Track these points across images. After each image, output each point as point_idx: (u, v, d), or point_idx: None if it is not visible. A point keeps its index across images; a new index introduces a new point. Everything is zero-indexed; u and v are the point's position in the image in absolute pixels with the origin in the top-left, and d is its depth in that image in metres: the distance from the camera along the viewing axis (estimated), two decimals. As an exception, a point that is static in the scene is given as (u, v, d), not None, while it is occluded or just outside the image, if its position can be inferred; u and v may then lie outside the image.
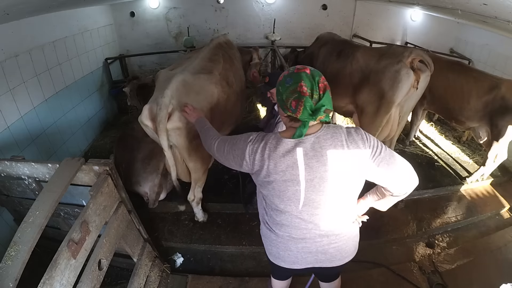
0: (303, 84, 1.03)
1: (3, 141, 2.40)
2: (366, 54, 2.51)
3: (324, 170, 1.07)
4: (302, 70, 1.06)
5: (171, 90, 1.80)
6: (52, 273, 1.17)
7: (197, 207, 2.56)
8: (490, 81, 2.69)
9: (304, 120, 1.05)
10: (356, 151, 1.06)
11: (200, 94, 1.97)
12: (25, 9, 2.11)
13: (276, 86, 1.14)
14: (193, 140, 1.98)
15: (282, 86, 1.08)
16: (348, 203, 1.18)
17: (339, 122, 4.14)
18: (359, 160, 1.07)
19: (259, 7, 4.87)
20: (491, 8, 1.81)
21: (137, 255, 1.93)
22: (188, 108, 1.78)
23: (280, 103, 1.11)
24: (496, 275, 2.20)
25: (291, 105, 1.05)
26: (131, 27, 4.79)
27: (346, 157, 1.06)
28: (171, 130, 1.86)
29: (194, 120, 1.69)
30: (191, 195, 2.41)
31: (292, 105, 1.05)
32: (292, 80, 1.05)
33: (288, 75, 1.08)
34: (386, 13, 4.94)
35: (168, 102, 1.78)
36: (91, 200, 1.42)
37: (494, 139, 2.73)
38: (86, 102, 3.75)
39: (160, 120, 1.77)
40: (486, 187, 3.15)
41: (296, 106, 1.04)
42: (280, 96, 1.09)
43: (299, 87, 1.03)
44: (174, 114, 1.83)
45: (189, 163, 2.13)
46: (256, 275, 2.30)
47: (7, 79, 2.44)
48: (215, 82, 2.10)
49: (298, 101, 1.03)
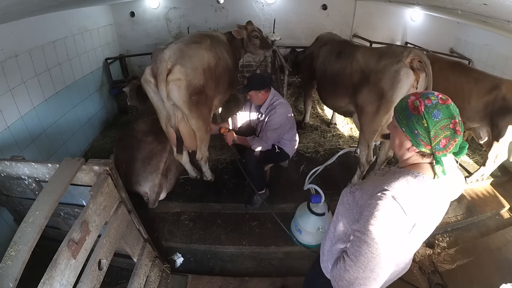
0: (457, 121, 0.90)
1: (3, 141, 2.40)
2: (366, 54, 2.51)
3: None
4: (448, 102, 0.92)
5: (169, 50, 2.06)
6: (52, 273, 1.17)
7: (205, 166, 2.84)
8: (490, 82, 2.69)
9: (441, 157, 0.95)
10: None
11: (193, 57, 2.21)
12: (25, 9, 2.11)
13: (405, 114, 0.96)
14: (193, 96, 2.17)
15: (429, 120, 0.90)
16: None
17: (339, 122, 4.14)
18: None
19: (259, 7, 4.87)
20: (491, 8, 1.81)
21: (137, 255, 1.93)
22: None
23: (418, 137, 0.94)
24: (496, 275, 2.21)
25: (439, 142, 0.91)
26: (131, 27, 4.79)
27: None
28: (171, 83, 2.04)
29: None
30: (199, 155, 2.65)
31: (441, 143, 0.91)
32: (441, 114, 0.90)
33: (434, 106, 0.91)
34: (386, 13, 4.93)
35: (167, 58, 2.01)
36: (91, 200, 1.42)
37: (494, 140, 2.73)
38: (86, 102, 3.75)
39: (160, 72, 1.97)
40: (486, 187, 3.15)
41: (447, 145, 0.91)
42: (423, 131, 0.92)
43: (452, 124, 0.89)
44: (174, 68, 2.03)
45: (191, 120, 2.30)
46: (256, 275, 2.30)
47: (7, 79, 2.44)
48: (205, 48, 2.38)
49: (451, 140, 0.91)
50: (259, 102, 2.48)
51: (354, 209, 1.02)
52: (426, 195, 0.95)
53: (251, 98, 2.46)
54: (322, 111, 4.53)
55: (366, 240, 0.89)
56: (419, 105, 0.92)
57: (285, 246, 2.49)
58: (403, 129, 0.97)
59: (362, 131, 2.57)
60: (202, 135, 2.47)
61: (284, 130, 2.49)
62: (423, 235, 1.08)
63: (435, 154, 0.95)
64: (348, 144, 3.74)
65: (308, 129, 4.02)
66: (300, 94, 4.85)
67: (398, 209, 0.88)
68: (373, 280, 0.89)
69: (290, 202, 2.79)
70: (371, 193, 0.95)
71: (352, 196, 1.04)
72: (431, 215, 1.01)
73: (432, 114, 0.90)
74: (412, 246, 1.09)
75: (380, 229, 0.88)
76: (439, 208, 1.03)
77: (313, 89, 3.85)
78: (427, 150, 0.95)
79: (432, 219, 1.03)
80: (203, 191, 2.93)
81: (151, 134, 2.77)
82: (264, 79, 2.46)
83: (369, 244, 0.88)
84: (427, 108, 0.91)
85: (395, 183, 0.93)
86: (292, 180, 3.05)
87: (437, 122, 0.90)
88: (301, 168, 3.22)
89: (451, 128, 0.90)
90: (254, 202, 2.73)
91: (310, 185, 2.20)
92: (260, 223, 2.68)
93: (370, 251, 0.88)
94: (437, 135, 0.91)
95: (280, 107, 2.41)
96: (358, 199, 1.01)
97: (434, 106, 0.90)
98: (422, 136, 0.93)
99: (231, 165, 3.26)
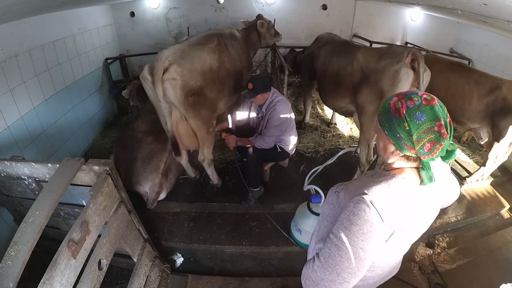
0: (442, 123, 0.83)
1: (3, 141, 2.40)
2: (366, 54, 2.52)
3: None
4: (433, 103, 0.84)
5: (168, 50, 2.09)
6: (52, 273, 1.17)
7: (209, 168, 2.73)
8: (491, 82, 2.69)
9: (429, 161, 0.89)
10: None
11: (194, 58, 2.21)
12: (25, 9, 2.11)
13: (387, 117, 0.89)
14: (189, 96, 2.16)
15: (410, 122, 0.84)
16: None
17: (339, 122, 4.14)
18: None
19: (259, 7, 4.87)
20: (491, 8, 1.81)
21: (137, 255, 1.93)
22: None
23: (401, 141, 0.88)
24: (496, 275, 2.21)
25: (423, 146, 0.85)
26: (131, 27, 4.79)
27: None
28: (167, 82, 2.04)
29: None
30: (200, 156, 2.59)
31: (426, 148, 0.85)
32: (425, 116, 0.83)
33: (416, 108, 0.84)
34: (386, 13, 4.94)
35: (165, 57, 2.03)
36: (91, 200, 1.42)
37: (495, 140, 2.72)
38: (86, 102, 3.75)
39: (156, 70, 1.99)
40: (486, 187, 3.15)
41: (432, 149, 0.84)
42: (406, 134, 0.86)
43: (437, 127, 0.83)
44: (170, 67, 2.04)
45: (189, 119, 2.29)
46: (256, 275, 2.30)
47: (7, 79, 2.44)
48: (207, 50, 2.36)
49: (436, 144, 0.84)
50: (262, 102, 2.51)
51: (337, 209, 0.98)
52: (410, 201, 0.90)
53: (255, 100, 2.48)
54: (322, 111, 4.53)
55: (337, 243, 0.86)
56: (400, 107, 0.86)
57: (285, 246, 2.49)
58: (386, 132, 0.91)
59: (362, 131, 2.57)
60: (203, 135, 2.45)
61: (286, 126, 2.52)
62: (409, 240, 1.03)
63: (421, 158, 0.89)
64: (348, 144, 3.74)
65: (308, 129, 4.03)
66: (300, 94, 4.85)
67: (374, 215, 0.84)
68: (338, 284, 0.86)
69: (290, 202, 2.79)
70: (352, 195, 0.91)
71: (337, 196, 1.01)
72: (417, 221, 0.96)
73: (415, 116, 0.84)
74: (398, 250, 1.04)
75: (352, 233, 0.84)
76: (427, 214, 0.98)
77: (313, 89, 3.85)
78: (412, 154, 0.90)
79: (418, 224, 0.98)
80: (203, 191, 2.93)
81: (151, 134, 2.77)
82: (266, 80, 2.51)
83: (339, 247, 0.85)
84: (409, 110, 0.85)
85: (375, 187, 0.88)
86: (292, 180, 3.05)
87: (420, 125, 0.83)
88: (301, 168, 3.22)
89: (436, 131, 0.83)
90: (249, 199, 2.76)
91: (310, 186, 2.20)
92: (260, 223, 2.68)
93: (339, 254, 0.85)
94: (420, 138, 0.84)
95: (281, 104, 2.45)
96: (341, 200, 0.98)
97: (417, 107, 0.84)
98: (405, 140, 0.87)
99: (231, 165, 3.26)
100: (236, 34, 3.01)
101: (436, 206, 1.01)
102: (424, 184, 0.90)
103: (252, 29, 3.28)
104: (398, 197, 0.88)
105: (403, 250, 1.08)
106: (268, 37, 3.48)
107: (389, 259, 1.06)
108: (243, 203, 2.78)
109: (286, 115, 2.47)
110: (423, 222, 0.99)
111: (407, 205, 0.89)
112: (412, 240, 1.05)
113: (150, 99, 2.23)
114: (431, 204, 0.98)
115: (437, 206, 1.02)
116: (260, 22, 3.26)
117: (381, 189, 0.88)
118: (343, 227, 0.86)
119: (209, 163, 2.67)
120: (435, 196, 0.98)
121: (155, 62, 2.03)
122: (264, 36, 3.42)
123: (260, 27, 3.26)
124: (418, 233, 1.03)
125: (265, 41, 3.52)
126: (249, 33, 3.26)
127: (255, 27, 3.29)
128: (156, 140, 2.73)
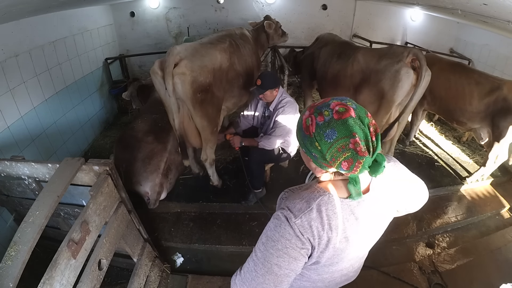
0: (358, 139, 0.73)
1: (3, 141, 2.40)
2: (367, 54, 2.52)
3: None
4: (346, 116, 0.74)
5: (180, 46, 2.14)
6: (52, 273, 1.17)
7: (211, 169, 2.75)
8: (491, 83, 2.69)
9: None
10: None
11: (205, 56, 2.25)
12: (25, 9, 2.11)
13: (301, 135, 0.83)
14: (197, 93, 2.18)
15: (320, 142, 0.76)
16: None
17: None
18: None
19: (259, 7, 4.87)
20: (491, 8, 1.81)
21: (137, 255, 1.93)
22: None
23: (318, 160, 0.81)
24: (496, 275, 2.21)
25: (340, 166, 0.76)
26: (131, 27, 4.79)
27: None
28: (176, 76, 2.07)
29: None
30: (203, 155, 2.60)
31: (344, 166, 0.76)
32: (336, 133, 0.74)
33: (326, 125, 0.75)
34: (386, 13, 4.94)
35: (176, 52, 2.07)
36: (91, 200, 1.42)
37: (495, 140, 2.73)
38: (86, 102, 3.75)
39: (167, 65, 2.01)
40: (486, 187, 3.15)
41: (351, 167, 0.75)
42: (319, 154, 0.78)
43: (352, 144, 0.73)
44: (181, 62, 2.08)
45: (196, 118, 2.31)
46: (256, 275, 2.30)
47: (7, 79, 2.44)
48: (219, 50, 2.39)
49: (354, 162, 0.74)
50: (271, 99, 2.51)
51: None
52: (338, 215, 0.82)
53: (264, 96, 2.47)
54: (322, 111, 4.52)
55: (254, 258, 0.83)
56: (310, 124, 0.78)
57: (285, 246, 2.49)
58: (304, 150, 0.85)
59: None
60: (207, 136, 2.46)
61: (292, 128, 2.51)
62: (355, 252, 0.95)
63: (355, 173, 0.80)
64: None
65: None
66: (300, 94, 4.85)
67: (290, 231, 0.79)
68: None
69: (290, 202, 2.78)
70: (278, 207, 0.87)
71: (279, 202, 0.96)
72: (357, 233, 0.88)
73: (325, 134, 0.75)
74: (341, 262, 0.95)
75: (267, 249, 0.81)
76: (370, 225, 0.90)
77: (313, 89, 3.85)
78: (333, 170, 0.81)
79: (360, 236, 0.90)
80: (203, 191, 2.93)
81: (152, 133, 2.77)
82: (275, 76, 2.53)
83: (255, 262, 0.82)
84: (318, 128, 0.76)
85: (297, 202, 0.83)
86: (292, 180, 3.05)
87: (332, 144, 0.74)
88: (301, 168, 3.22)
89: (351, 149, 0.73)
90: (250, 199, 2.76)
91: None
92: (260, 223, 2.68)
93: (255, 269, 0.82)
94: (335, 158, 0.75)
95: (289, 105, 2.46)
96: (278, 207, 0.93)
97: (327, 124, 0.75)
98: (321, 159, 0.79)
99: (231, 165, 3.26)
100: (247, 35, 3.04)
101: (384, 215, 0.94)
102: (353, 198, 0.83)
103: (261, 30, 3.30)
104: (323, 212, 0.81)
105: (349, 262, 1.00)
106: (276, 38, 3.50)
107: (333, 272, 0.99)
108: (243, 202, 2.78)
109: (293, 117, 2.46)
110: (366, 234, 0.92)
111: (335, 219, 0.82)
112: (360, 252, 1.00)
113: (159, 94, 2.25)
114: (374, 214, 0.89)
115: (386, 215, 0.95)
116: (267, 23, 3.27)
117: (301, 206, 0.82)
118: (261, 242, 0.84)
119: (211, 163, 2.68)
120: (380, 205, 0.90)
121: (166, 57, 2.05)
122: (272, 37, 3.43)
123: (268, 28, 3.27)
124: (365, 244, 0.97)
125: (273, 42, 3.53)
126: (258, 34, 3.28)
127: (263, 28, 3.30)
128: (157, 140, 2.73)
